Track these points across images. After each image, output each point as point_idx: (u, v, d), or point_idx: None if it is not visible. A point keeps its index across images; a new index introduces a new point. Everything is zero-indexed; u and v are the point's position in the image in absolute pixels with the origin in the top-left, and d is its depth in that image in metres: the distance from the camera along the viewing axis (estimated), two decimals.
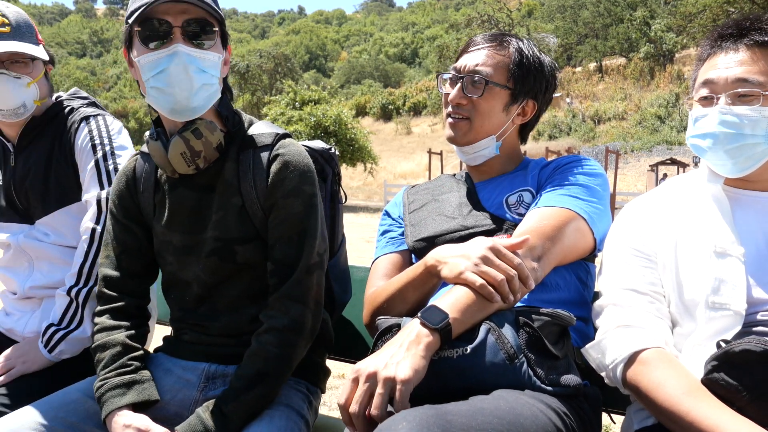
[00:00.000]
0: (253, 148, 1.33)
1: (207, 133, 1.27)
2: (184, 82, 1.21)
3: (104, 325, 1.35)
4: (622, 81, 40.31)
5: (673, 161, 21.25)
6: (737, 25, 1.16)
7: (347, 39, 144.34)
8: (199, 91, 1.24)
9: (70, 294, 1.53)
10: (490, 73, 1.37)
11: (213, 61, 1.25)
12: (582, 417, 1.08)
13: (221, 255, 1.31)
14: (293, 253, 1.27)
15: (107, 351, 1.31)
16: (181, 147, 1.26)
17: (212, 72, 1.25)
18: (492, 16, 43.89)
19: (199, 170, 1.30)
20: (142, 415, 1.23)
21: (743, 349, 0.94)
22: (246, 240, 1.31)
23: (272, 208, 1.29)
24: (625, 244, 1.24)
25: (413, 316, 1.07)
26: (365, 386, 0.96)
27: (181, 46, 1.19)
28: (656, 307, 1.16)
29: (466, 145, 1.42)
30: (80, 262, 1.54)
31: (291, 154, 1.31)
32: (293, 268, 1.27)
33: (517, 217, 1.33)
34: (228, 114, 1.34)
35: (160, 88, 1.22)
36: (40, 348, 1.51)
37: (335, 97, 33.27)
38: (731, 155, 1.13)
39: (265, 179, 1.29)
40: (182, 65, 1.20)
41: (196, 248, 1.33)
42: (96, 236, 1.55)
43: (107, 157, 1.61)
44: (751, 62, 1.12)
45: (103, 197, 1.56)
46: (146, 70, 1.22)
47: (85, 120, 1.66)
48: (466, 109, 1.39)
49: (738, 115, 1.11)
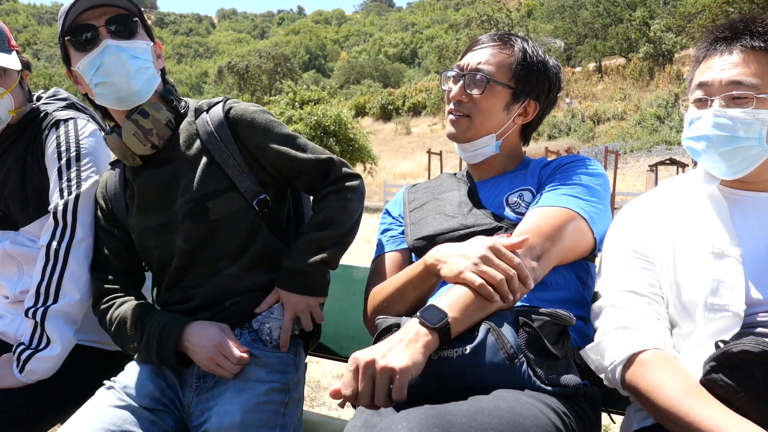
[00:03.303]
0: (205, 111, 1.45)
1: (153, 112, 1.38)
2: (121, 69, 1.33)
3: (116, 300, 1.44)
4: (621, 81, 40.31)
5: (673, 161, 21.24)
6: (731, 27, 1.15)
7: (347, 39, 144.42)
8: (137, 75, 1.35)
9: (28, 315, 1.47)
10: (492, 71, 1.37)
11: (142, 48, 1.37)
12: (582, 417, 1.08)
13: (194, 216, 1.37)
14: (312, 163, 1.43)
15: (135, 309, 1.40)
16: (132, 128, 1.37)
17: (144, 57, 1.37)
18: (491, 16, 43.88)
19: (156, 149, 1.40)
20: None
21: (741, 349, 0.94)
22: (218, 193, 1.38)
23: (259, 149, 1.41)
24: (623, 245, 1.24)
25: (413, 315, 1.07)
26: (364, 374, 0.96)
27: (109, 41, 1.32)
28: (655, 309, 1.16)
29: (466, 143, 1.42)
30: (37, 281, 1.47)
31: (241, 103, 1.46)
32: (321, 167, 1.44)
33: (518, 216, 1.33)
34: (173, 98, 1.46)
35: (102, 82, 1.33)
36: (13, 367, 1.46)
37: (335, 97, 33.22)
38: (725, 158, 1.12)
39: (228, 129, 1.41)
40: (115, 55, 1.32)
41: (172, 221, 1.40)
42: (51, 253, 1.46)
43: (71, 164, 1.53)
44: (744, 65, 1.11)
45: (60, 209, 1.48)
46: (86, 71, 1.34)
47: (55, 125, 1.59)
48: (467, 107, 1.39)
49: (731, 117, 1.10)
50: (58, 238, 1.47)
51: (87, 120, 1.63)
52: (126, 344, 1.40)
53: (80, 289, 1.48)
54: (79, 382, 1.58)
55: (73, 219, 1.49)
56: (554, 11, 49.36)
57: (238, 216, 1.40)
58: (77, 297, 1.48)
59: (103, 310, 1.45)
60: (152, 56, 1.40)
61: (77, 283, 1.48)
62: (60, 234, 1.47)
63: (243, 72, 52.49)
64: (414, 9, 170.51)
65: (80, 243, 1.49)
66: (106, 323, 1.44)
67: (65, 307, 1.46)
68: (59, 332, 1.46)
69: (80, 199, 1.50)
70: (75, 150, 1.55)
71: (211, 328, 1.33)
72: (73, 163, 1.54)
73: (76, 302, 1.48)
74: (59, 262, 1.46)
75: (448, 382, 1.03)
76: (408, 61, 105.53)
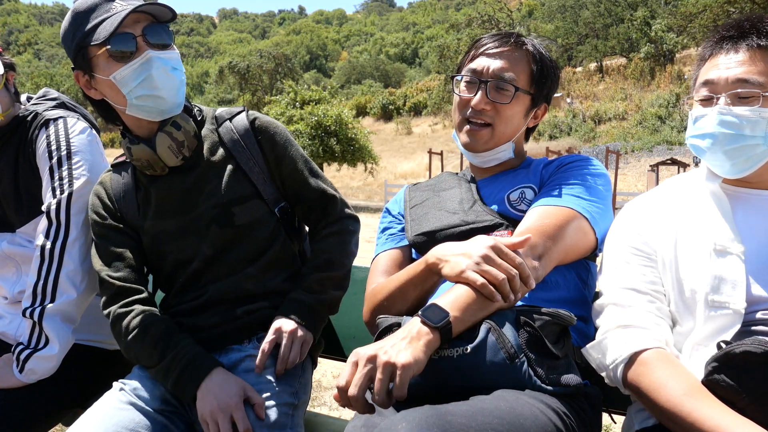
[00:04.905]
0: (228, 120, 1.46)
1: (184, 124, 1.38)
2: (169, 81, 1.32)
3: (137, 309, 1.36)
4: (622, 81, 40.27)
5: (674, 161, 21.21)
6: (738, 26, 1.15)
7: (348, 39, 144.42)
8: (181, 88, 1.35)
9: (25, 315, 1.46)
10: (515, 78, 1.35)
11: (178, 59, 1.36)
12: (582, 417, 1.08)
13: (220, 221, 1.37)
14: (317, 193, 1.48)
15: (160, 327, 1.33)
16: (166, 141, 1.36)
17: (181, 68, 1.36)
18: (492, 16, 43.85)
19: (185, 160, 1.40)
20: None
21: (744, 350, 0.94)
22: (243, 199, 1.40)
23: (276, 162, 1.44)
24: (624, 243, 1.23)
25: (413, 314, 1.07)
26: (365, 369, 0.95)
27: (152, 52, 1.29)
28: (657, 307, 1.16)
29: (485, 152, 1.41)
30: (34, 281, 1.46)
31: (264, 115, 1.49)
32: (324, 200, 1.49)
33: (519, 213, 1.33)
34: (190, 106, 1.46)
35: (147, 94, 1.30)
36: (13, 368, 1.46)
37: (336, 97, 33.22)
38: (730, 156, 1.12)
39: (253, 137, 1.43)
40: (162, 68, 1.30)
41: (193, 225, 1.39)
42: (46, 254, 1.46)
43: (62, 162, 1.52)
44: (751, 63, 1.11)
45: (53, 208, 1.48)
46: (128, 82, 1.29)
47: (45, 125, 1.58)
48: (488, 115, 1.37)
49: (737, 115, 1.10)
50: (53, 237, 1.47)
51: (77, 118, 1.63)
52: (137, 358, 1.35)
53: (77, 287, 1.48)
54: (78, 382, 1.58)
55: (66, 217, 1.48)
56: (555, 11, 49.30)
57: (262, 222, 1.41)
58: (74, 295, 1.47)
59: (118, 315, 1.36)
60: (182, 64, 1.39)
61: (73, 281, 1.47)
62: (54, 233, 1.47)
63: (244, 72, 52.45)
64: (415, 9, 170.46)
65: (75, 241, 1.48)
66: (120, 329, 1.35)
67: (62, 305, 1.46)
68: (57, 331, 1.46)
69: (73, 197, 1.50)
70: (66, 148, 1.54)
71: (233, 388, 1.23)
72: (64, 162, 1.53)
73: (73, 300, 1.47)
74: (54, 261, 1.46)
75: (449, 382, 1.03)
76: (409, 61, 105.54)
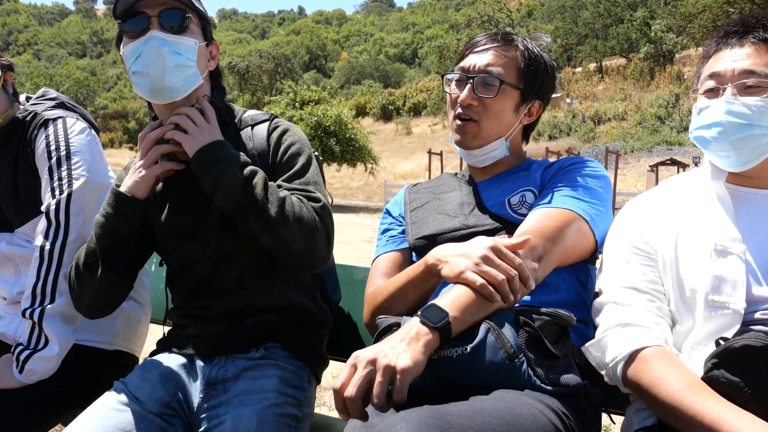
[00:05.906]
0: (250, 126, 1.45)
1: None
2: (158, 61, 1.29)
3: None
4: (622, 81, 40.30)
5: (674, 162, 21.24)
6: (743, 23, 1.17)
7: (347, 39, 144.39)
8: (174, 71, 1.31)
9: (25, 315, 1.46)
10: (502, 72, 1.36)
11: (188, 45, 1.32)
12: (582, 417, 1.08)
13: (224, 226, 1.35)
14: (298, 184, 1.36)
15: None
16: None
17: (187, 55, 1.32)
18: (492, 16, 43.91)
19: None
20: None
21: (743, 345, 0.94)
22: None
23: (278, 165, 1.38)
24: (625, 242, 1.24)
25: (413, 315, 1.07)
26: (364, 371, 0.94)
27: (156, 32, 1.29)
28: (656, 306, 1.16)
29: (476, 149, 1.40)
30: (33, 282, 1.45)
31: (288, 125, 1.45)
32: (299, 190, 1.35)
33: (520, 216, 1.33)
34: (221, 105, 1.43)
35: (138, 71, 1.31)
36: (13, 368, 1.46)
37: (335, 98, 33.26)
38: (735, 146, 1.12)
39: (267, 147, 1.41)
40: (155, 47, 1.28)
41: (201, 227, 1.38)
42: (46, 254, 1.46)
43: (61, 162, 1.52)
44: (757, 55, 1.12)
45: (53, 208, 1.48)
46: (128, 58, 1.31)
47: (44, 125, 1.57)
48: (475, 111, 1.37)
49: (745, 104, 1.10)
50: (52, 237, 1.47)
51: (76, 118, 1.62)
52: (99, 242, 1.34)
53: None
54: (78, 382, 1.58)
55: (66, 218, 1.48)
56: (555, 11, 49.37)
57: None
58: None
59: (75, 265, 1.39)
60: (196, 56, 1.34)
61: None
62: (53, 233, 1.47)
63: (244, 72, 52.47)
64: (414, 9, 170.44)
65: (74, 242, 1.48)
66: (80, 261, 1.38)
67: (62, 306, 1.46)
68: (57, 332, 1.45)
69: (72, 198, 1.49)
70: (65, 148, 1.53)
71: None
72: (63, 162, 1.52)
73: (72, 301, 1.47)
74: (54, 262, 1.46)
75: (448, 382, 1.03)
76: (408, 62, 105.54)
